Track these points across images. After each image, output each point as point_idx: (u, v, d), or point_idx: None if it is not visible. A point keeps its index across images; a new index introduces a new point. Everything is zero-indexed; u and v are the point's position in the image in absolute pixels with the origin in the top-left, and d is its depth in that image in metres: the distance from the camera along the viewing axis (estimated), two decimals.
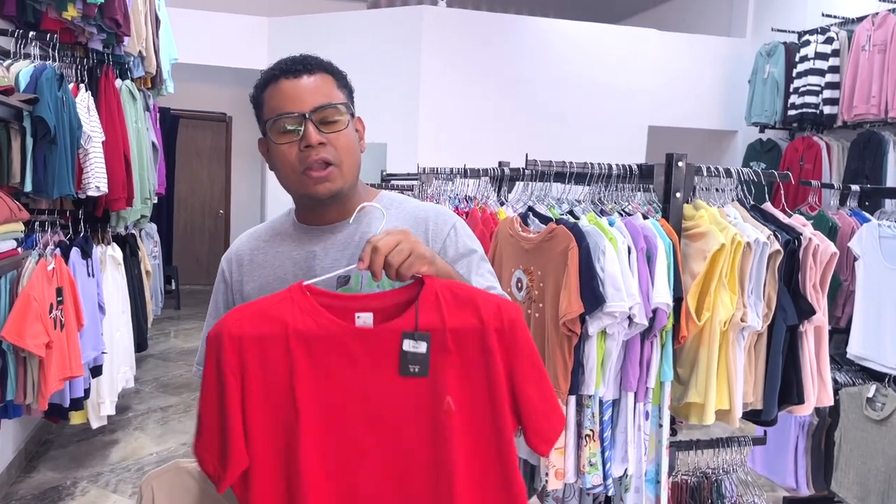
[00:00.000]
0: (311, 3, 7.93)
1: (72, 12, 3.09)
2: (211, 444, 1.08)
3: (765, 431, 2.41)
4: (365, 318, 1.12)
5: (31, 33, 2.89)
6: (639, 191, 2.18)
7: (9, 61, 2.74)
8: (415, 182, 4.44)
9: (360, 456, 1.09)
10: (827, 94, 5.67)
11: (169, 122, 7.96)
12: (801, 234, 1.96)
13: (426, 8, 6.65)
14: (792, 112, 5.99)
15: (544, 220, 2.03)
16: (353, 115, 1.31)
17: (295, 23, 6.99)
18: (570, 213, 2.03)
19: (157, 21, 4.48)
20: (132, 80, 4.06)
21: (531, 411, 1.12)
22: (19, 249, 2.33)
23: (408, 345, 1.09)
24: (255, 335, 1.08)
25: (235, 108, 8.66)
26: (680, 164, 1.98)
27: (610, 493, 1.89)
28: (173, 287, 7.71)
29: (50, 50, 3.00)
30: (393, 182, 5.08)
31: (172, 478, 1.16)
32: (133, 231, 4.50)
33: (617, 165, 2.06)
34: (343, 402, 1.09)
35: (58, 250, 2.79)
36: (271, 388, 1.08)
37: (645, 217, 1.95)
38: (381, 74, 6.47)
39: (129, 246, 4.24)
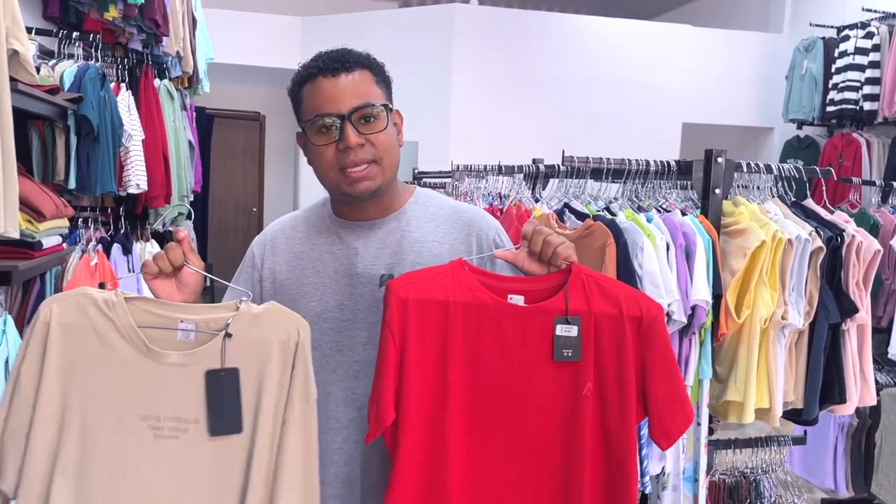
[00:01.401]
0: (343, 3, 7.99)
1: (113, 13, 3.15)
2: (373, 394, 1.18)
3: (805, 431, 2.37)
4: (517, 300, 1.21)
5: (75, 34, 2.96)
6: (675, 189, 2.17)
7: (53, 61, 2.80)
8: (447, 180, 4.45)
9: (499, 424, 1.19)
10: (867, 89, 5.55)
11: (204, 122, 8.07)
12: (844, 231, 1.93)
13: (458, 6, 6.65)
14: (831, 108, 5.88)
15: (581, 216, 2.02)
16: (391, 109, 1.32)
17: (327, 22, 7.04)
18: (607, 209, 2.02)
19: (193, 21, 4.54)
20: (170, 79, 4.13)
21: (657, 406, 1.19)
22: (64, 245, 2.39)
23: (561, 329, 1.17)
24: (419, 299, 1.18)
25: (269, 107, 8.75)
26: (719, 159, 1.96)
27: (647, 491, 1.88)
28: (207, 284, 7.81)
29: (93, 50, 3.06)
30: (425, 180, 5.09)
31: (76, 301, 1.15)
32: (170, 228, 4.57)
33: (655, 161, 2.04)
34: (488, 371, 1.19)
35: (100, 246, 2.85)
36: (427, 350, 1.17)
37: (683, 213, 1.94)
38: (413, 73, 6.48)
39: (166, 243, 4.31)
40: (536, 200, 2.70)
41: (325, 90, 1.25)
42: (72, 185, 2.69)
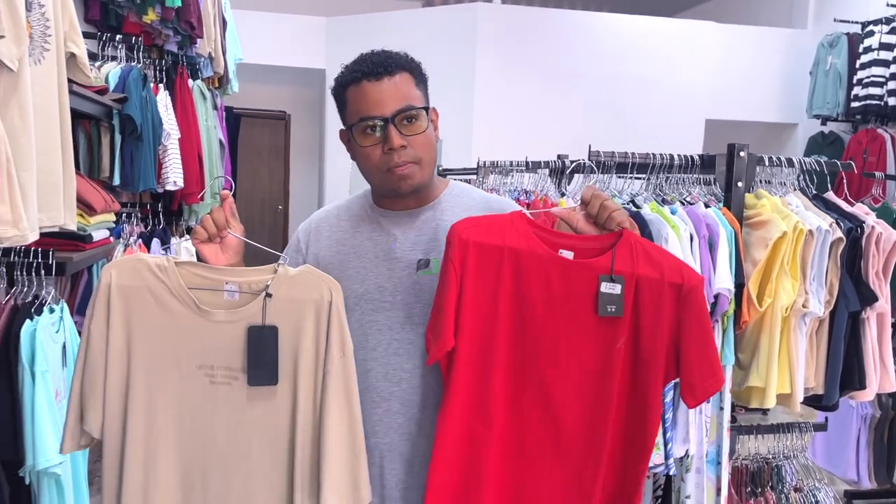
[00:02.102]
0: (367, 3, 8.08)
1: (151, 16, 3.26)
2: (432, 322, 1.31)
3: (826, 418, 2.42)
4: (566, 255, 1.31)
5: (118, 36, 3.08)
6: (698, 184, 2.22)
7: (99, 62, 2.92)
8: (472, 177, 4.52)
9: (539, 362, 1.30)
10: (892, 85, 5.55)
11: (232, 121, 8.20)
12: (864, 223, 1.98)
13: (480, 5, 6.71)
14: (855, 104, 5.87)
15: None
16: (429, 109, 1.40)
17: (352, 22, 7.13)
18: (632, 202, 2.09)
19: (223, 22, 4.66)
20: (202, 79, 4.24)
21: (688, 368, 1.28)
22: (111, 238, 2.50)
23: (605, 286, 1.27)
24: (479, 242, 1.30)
25: (294, 106, 8.87)
26: (742, 153, 2.02)
27: (672, 473, 1.94)
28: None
29: (133, 52, 3.18)
30: (449, 177, 5.16)
31: (132, 266, 1.29)
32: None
33: (679, 156, 2.10)
34: (533, 315, 1.31)
35: (140, 240, 2.97)
36: (482, 288, 1.29)
37: (706, 206, 2.00)
38: (436, 72, 6.40)
39: None
40: (562, 195, 2.77)
41: (369, 94, 1.33)
42: (116, 181, 2.81)
